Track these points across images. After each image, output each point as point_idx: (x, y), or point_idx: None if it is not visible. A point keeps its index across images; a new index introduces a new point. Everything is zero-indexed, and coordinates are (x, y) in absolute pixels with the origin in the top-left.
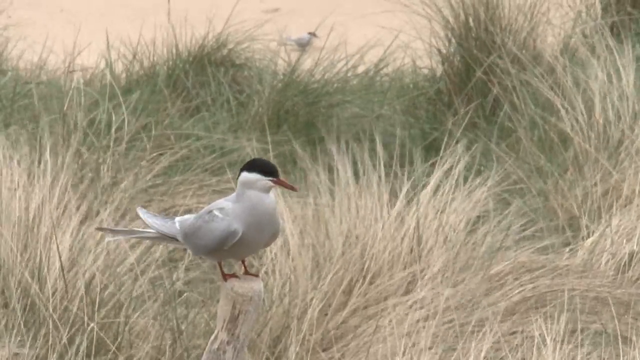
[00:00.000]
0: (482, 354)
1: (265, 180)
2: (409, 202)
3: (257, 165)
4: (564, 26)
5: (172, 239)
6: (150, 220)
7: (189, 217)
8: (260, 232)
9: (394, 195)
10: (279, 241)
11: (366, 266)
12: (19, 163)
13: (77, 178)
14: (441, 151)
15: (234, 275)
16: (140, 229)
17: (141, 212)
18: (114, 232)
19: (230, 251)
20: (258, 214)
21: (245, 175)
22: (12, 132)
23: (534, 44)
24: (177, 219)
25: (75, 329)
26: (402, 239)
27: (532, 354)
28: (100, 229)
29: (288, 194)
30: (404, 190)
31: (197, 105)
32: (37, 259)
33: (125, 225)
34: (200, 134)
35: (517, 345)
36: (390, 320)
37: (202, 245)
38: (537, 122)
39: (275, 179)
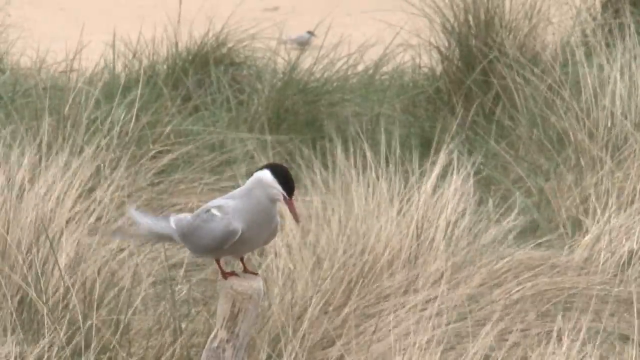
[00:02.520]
0: (482, 353)
1: (279, 193)
2: (408, 200)
3: (283, 175)
4: (564, 25)
5: (167, 238)
6: (143, 220)
7: (185, 216)
8: (259, 230)
9: (394, 193)
10: (279, 239)
11: (366, 265)
12: (19, 162)
13: (77, 177)
14: (440, 150)
15: (233, 274)
16: (134, 229)
17: (133, 212)
18: (109, 234)
19: (230, 249)
20: (260, 213)
21: (267, 175)
22: (11, 131)
23: (533, 42)
24: (172, 218)
25: (75, 327)
26: (403, 237)
27: (532, 352)
28: (97, 231)
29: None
30: (404, 188)
31: (196, 104)
32: (39, 256)
33: (122, 223)
34: (200, 129)
35: (516, 343)
36: (390, 320)
37: (202, 245)
38: (536, 120)
39: (288, 198)
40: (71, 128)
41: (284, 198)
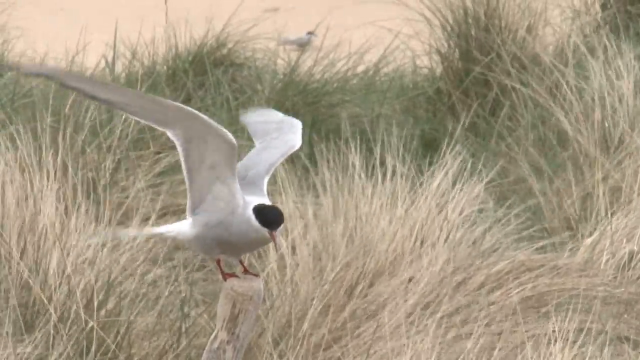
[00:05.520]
0: (482, 354)
1: (262, 230)
2: (413, 202)
3: (262, 216)
4: (563, 25)
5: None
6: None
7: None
8: (256, 244)
9: (397, 194)
10: (282, 239)
11: (368, 266)
12: (20, 163)
13: (78, 178)
14: (441, 151)
15: (234, 275)
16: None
17: (132, 232)
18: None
19: (226, 248)
20: (256, 238)
21: (252, 218)
22: (13, 132)
23: (533, 43)
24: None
25: (76, 328)
26: (406, 239)
27: (532, 353)
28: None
29: (292, 191)
30: (409, 190)
31: (197, 104)
32: (39, 258)
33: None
34: None
35: (517, 344)
36: (391, 321)
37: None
38: (536, 122)
39: (269, 232)
40: (72, 129)
41: (269, 234)
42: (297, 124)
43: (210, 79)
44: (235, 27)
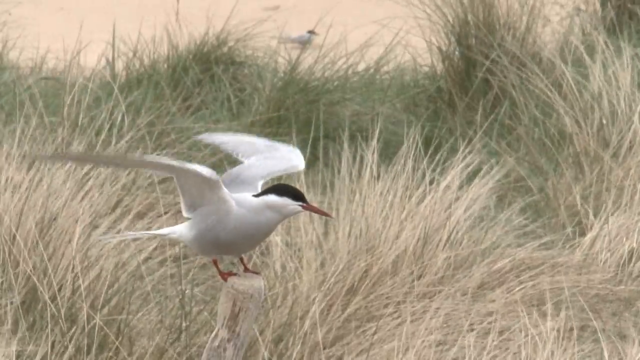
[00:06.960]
0: (483, 352)
1: (294, 205)
2: (418, 201)
3: (288, 191)
4: (564, 23)
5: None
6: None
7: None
8: (257, 240)
9: (398, 193)
10: (284, 239)
11: (371, 266)
12: (20, 161)
13: (78, 176)
14: (443, 150)
15: (231, 274)
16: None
17: (130, 234)
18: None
19: (228, 248)
20: (265, 230)
21: (273, 198)
22: (12, 130)
23: (533, 41)
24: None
25: (78, 325)
26: (409, 238)
27: (533, 351)
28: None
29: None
30: (414, 189)
31: (197, 103)
32: (42, 256)
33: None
34: (201, 130)
35: (517, 342)
36: (392, 320)
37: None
38: (537, 119)
39: (304, 205)
40: (71, 127)
41: (304, 207)
42: (298, 150)
43: (211, 77)
44: (236, 26)
